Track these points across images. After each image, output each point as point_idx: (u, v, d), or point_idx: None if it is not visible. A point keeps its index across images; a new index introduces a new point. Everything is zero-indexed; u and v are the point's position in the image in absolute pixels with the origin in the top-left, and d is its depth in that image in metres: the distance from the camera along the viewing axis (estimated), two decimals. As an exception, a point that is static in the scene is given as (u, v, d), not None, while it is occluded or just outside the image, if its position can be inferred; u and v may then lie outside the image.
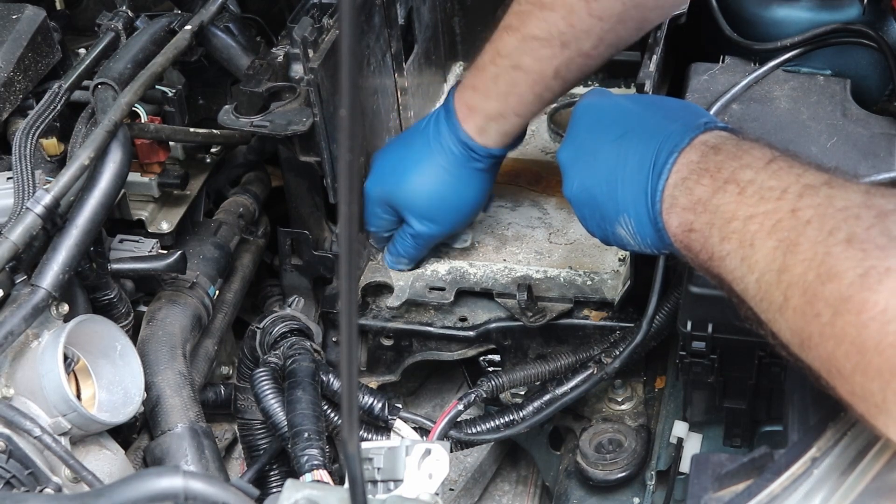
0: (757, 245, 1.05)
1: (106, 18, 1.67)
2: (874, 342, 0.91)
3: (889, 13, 1.56)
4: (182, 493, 1.07)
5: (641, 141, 1.23)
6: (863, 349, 0.92)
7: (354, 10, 0.70)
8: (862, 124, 1.48)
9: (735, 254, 1.08)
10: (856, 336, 0.93)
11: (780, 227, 1.03)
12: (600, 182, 1.27)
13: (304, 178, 1.70)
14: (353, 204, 0.75)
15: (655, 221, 1.20)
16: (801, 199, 1.03)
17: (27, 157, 1.42)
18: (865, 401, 0.95)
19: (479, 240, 1.82)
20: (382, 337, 1.76)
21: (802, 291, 0.98)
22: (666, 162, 1.19)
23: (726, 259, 1.10)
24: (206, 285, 1.63)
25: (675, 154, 1.19)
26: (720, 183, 1.12)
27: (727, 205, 1.10)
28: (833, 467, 1.03)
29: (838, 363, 0.96)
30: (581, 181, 1.31)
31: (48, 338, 1.34)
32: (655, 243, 1.23)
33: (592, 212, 1.31)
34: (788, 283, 1.00)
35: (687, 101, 1.44)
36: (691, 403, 1.56)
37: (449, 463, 1.11)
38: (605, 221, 1.29)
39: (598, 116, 1.34)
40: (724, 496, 1.07)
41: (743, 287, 1.09)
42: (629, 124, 1.28)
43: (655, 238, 1.22)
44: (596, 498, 1.65)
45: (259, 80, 1.59)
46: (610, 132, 1.29)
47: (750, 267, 1.06)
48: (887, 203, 0.98)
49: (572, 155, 1.34)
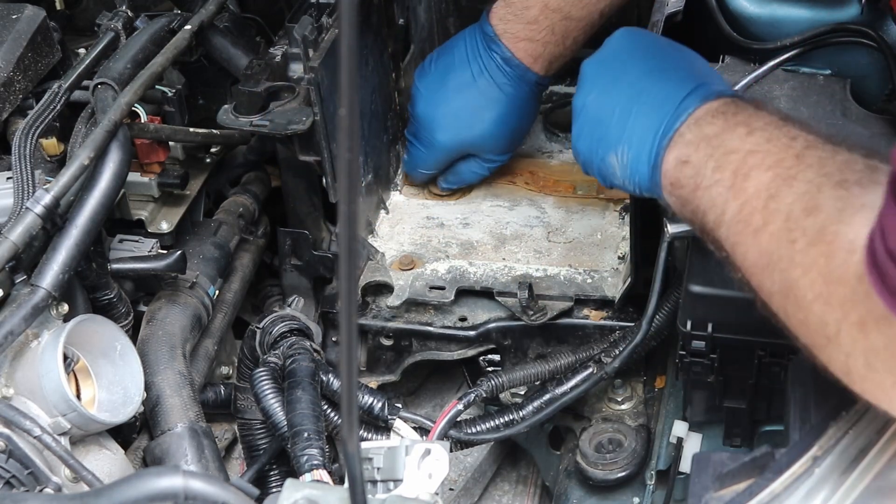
0: (752, 175, 1.08)
1: (106, 18, 1.67)
2: (839, 273, 0.94)
3: (888, 13, 1.56)
4: (182, 492, 1.07)
5: (673, 81, 1.25)
6: (828, 279, 0.95)
7: (354, 10, 0.70)
8: (862, 124, 1.48)
9: (723, 182, 1.11)
10: (823, 265, 0.96)
11: (782, 165, 1.06)
12: (615, 106, 1.28)
13: (303, 178, 1.70)
14: (353, 204, 0.75)
15: (655, 156, 1.21)
16: (807, 149, 1.06)
17: (27, 157, 1.42)
18: (817, 332, 0.98)
19: (478, 239, 1.82)
20: (382, 337, 1.76)
21: (786, 218, 1.02)
22: (690, 106, 1.21)
23: (711, 188, 1.12)
24: (206, 285, 1.63)
25: (704, 102, 1.21)
26: (731, 125, 1.15)
27: (732, 140, 1.13)
28: (834, 466, 1.03)
29: (800, 291, 0.98)
30: (597, 96, 1.31)
31: (48, 338, 1.34)
32: (642, 181, 1.24)
33: (593, 130, 1.31)
34: (775, 209, 1.03)
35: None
36: (691, 403, 1.55)
37: (449, 463, 1.11)
38: (600, 144, 1.29)
39: (637, 44, 1.35)
40: (725, 495, 1.07)
41: (718, 215, 1.11)
42: (666, 63, 1.29)
43: (646, 175, 1.23)
44: (596, 498, 1.65)
45: (258, 80, 1.59)
46: (645, 63, 1.30)
47: (737, 194, 1.09)
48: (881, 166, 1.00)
49: (597, 69, 1.35)
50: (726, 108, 1.19)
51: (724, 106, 1.19)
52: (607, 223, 1.83)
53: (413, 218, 1.88)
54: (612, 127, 1.27)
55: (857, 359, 0.94)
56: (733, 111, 1.18)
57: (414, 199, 1.91)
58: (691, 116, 1.20)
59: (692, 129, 1.19)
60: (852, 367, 0.95)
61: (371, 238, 1.82)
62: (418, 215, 1.88)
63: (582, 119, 1.33)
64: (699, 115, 1.20)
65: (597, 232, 1.81)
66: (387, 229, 1.85)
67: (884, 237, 0.86)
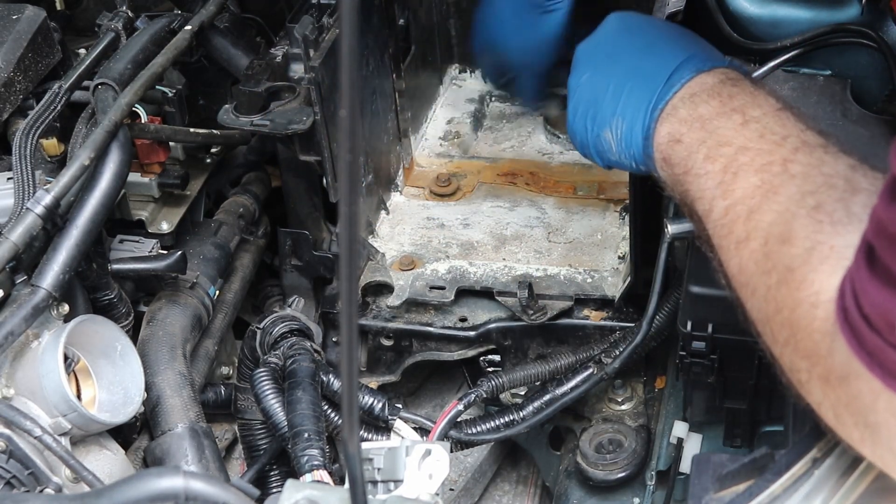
0: (740, 176, 1.08)
1: (106, 19, 1.67)
2: (804, 323, 0.94)
3: (888, 13, 1.56)
4: (182, 493, 1.07)
5: (665, 54, 1.25)
6: (795, 327, 0.95)
7: (355, 10, 0.70)
8: (862, 124, 1.48)
9: (714, 176, 1.11)
10: (790, 312, 0.96)
11: (769, 170, 1.06)
12: (609, 83, 1.28)
13: (303, 178, 1.70)
14: (353, 205, 0.75)
15: (648, 128, 1.22)
16: (797, 152, 1.06)
17: (27, 157, 1.43)
18: (791, 373, 0.99)
19: (478, 239, 1.82)
20: (382, 337, 1.76)
21: (764, 240, 1.02)
22: (683, 76, 1.21)
23: (703, 178, 1.12)
24: (207, 285, 1.63)
25: (696, 73, 1.21)
26: (727, 109, 1.15)
27: (726, 130, 1.13)
28: (834, 468, 1.03)
29: (774, 327, 0.99)
30: (591, 75, 1.32)
31: (48, 338, 1.34)
32: (636, 154, 1.25)
33: (587, 108, 1.31)
34: (755, 226, 1.03)
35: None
36: (691, 403, 1.56)
37: (449, 463, 1.11)
38: (595, 121, 1.30)
39: (628, 25, 1.35)
40: (725, 496, 1.07)
41: (708, 208, 1.11)
42: (658, 38, 1.30)
43: (640, 147, 1.23)
44: (596, 498, 1.65)
45: (258, 80, 1.59)
46: (636, 41, 1.31)
47: (724, 193, 1.09)
48: (864, 181, 1.00)
49: (591, 51, 1.35)
50: (722, 86, 1.18)
51: (720, 84, 1.19)
52: (607, 223, 1.83)
53: (413, 218, 1.88)
54: (606, 103, 1.28)
55: (826, 409, 0.95)
56: (729, 92, 1.17)
57: (414, 200, 1.92)
58: (685, 87, 1.20)
59: (687, 105, 1.19)
60: (824, 414, 0.96)
61: (371, 238, 1.82)
62: (419, 216, 1.88)
63: (577, 98, 1.33)
64: (694, 90, 1.20)
65: (597, 232, 1.81)
66: (387, 230, 1.85)
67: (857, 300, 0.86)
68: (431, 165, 1.99)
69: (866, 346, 0.86)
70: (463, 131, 2.05)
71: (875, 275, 0.84)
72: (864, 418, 0.89)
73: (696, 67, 1.22)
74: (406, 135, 1.93)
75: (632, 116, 1.24)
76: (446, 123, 2.07)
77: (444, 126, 2.07)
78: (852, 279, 0.88)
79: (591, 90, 1.31)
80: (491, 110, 2.12)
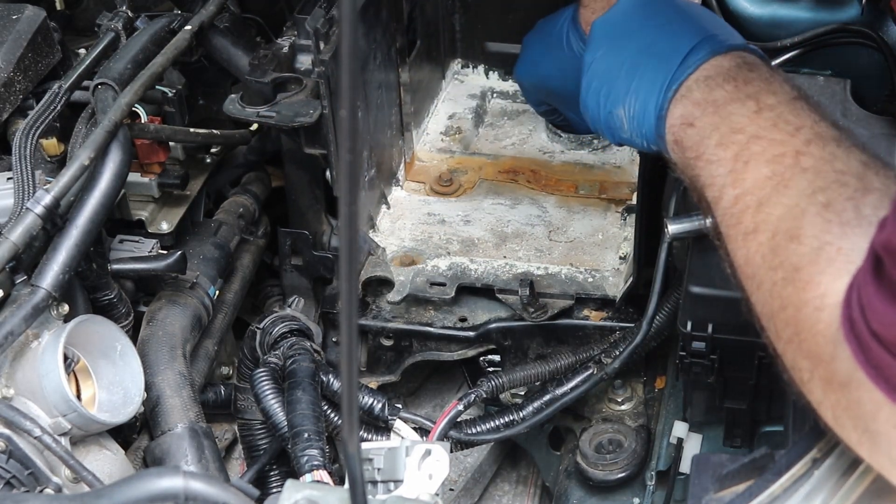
0: (752, 165, 1.07)
1: (106, 19, 1.67)
2: (809, 324, 0.94)
3: (888, 13, 1.56)
4: (182, 493, 1.07)
5: (681, 33, 1.24)
6: (799, 327, 0.95)
7: (354, 10, 0.70)
8: (862, 124, 1.48)
9: (725, 163, 1.10)
10: (795, 311, 0.95)
11: (781, 162, 1.05)
12: (624, 60, 1.27)
13: (306, 171, 1.69)
14: (353, 204, 0.74)
15: (661, 108, 1.20)
16: (809, 145, 1.05)
17: (27, 157, 1.42)
18: (793, 371, 0.98)
19: (479, 236, 1.82)
20: (382, 337, 1.76)
21: (772, 234, 1.01)
22: (700, 57, 1.20)
23: (714, 164, 1.12)
24: (207, 285, 1.63)
25: (713, 54, 1.20)
26: (742, 95, 1.14)
27: (739, 117, 1.12)
28: (834, 468, 1.03)
29: (778, 325, 0.99)
30: (606, 52, 1.31)
31: (48, 338, 1.34)
32: (648, 133, 1.24)
33: (601, 84, 1.30)
34: (764, 219, 1.03)
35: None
36: (691, 404, 1.55)
37: (449, 463, 1.11)
38: (609, 98, 1.29)
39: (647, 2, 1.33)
40: (725, 497, 1.07)
41: (718, 195, 1.10)
42: (676, 17, 1.28)
43: (652, 127, 1.22)
44: (596, 498, 1.65)
45: (265, 71, 1.58)
46: (653, 18, 1.29)
47: (735, 181, 1.08)
48: (876, 180, 0.99)
49: (607, 27, 1.34)
50: (739, 70, 1.17)
51: (736, 68, 1.18)
52: (609, 223, 1.83)
53: (414, 214, 1.88)
54: (620, 80, 1.27)
55: (826, 410, 0.95)
56: (745, 77, 1.16)
57: (416, 195, 1.91)
58: (700, 69, 1.19)
59: (701, 88, 1.18)
60: (823, 414, 0.96)
61: (372, 233, 1.82)
62: (420, 211, 1.88)
63: (590, 74, 1.32)
64: (709, 73, 1.18)
65: (598, 232, 1.81)
66: (388, 224, 1.85)
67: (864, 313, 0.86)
68: (432, 160, 1.98)
69: (872, 360, 0.85)
70: (464, 127, 2.05)
71: (882, 289, 0.84)
72: (865, 424, 0.89)
73: (713, 49, 1.20)
74: (408, 129, 1.93)
75: (645, 95, 1.23)
76: (448, 118, 2.07)
77: (445, 121, 2.06)
78: (859, 290, 0.88)
79: (605, 67, 1.30)
80: (492, 106, 2.12)
